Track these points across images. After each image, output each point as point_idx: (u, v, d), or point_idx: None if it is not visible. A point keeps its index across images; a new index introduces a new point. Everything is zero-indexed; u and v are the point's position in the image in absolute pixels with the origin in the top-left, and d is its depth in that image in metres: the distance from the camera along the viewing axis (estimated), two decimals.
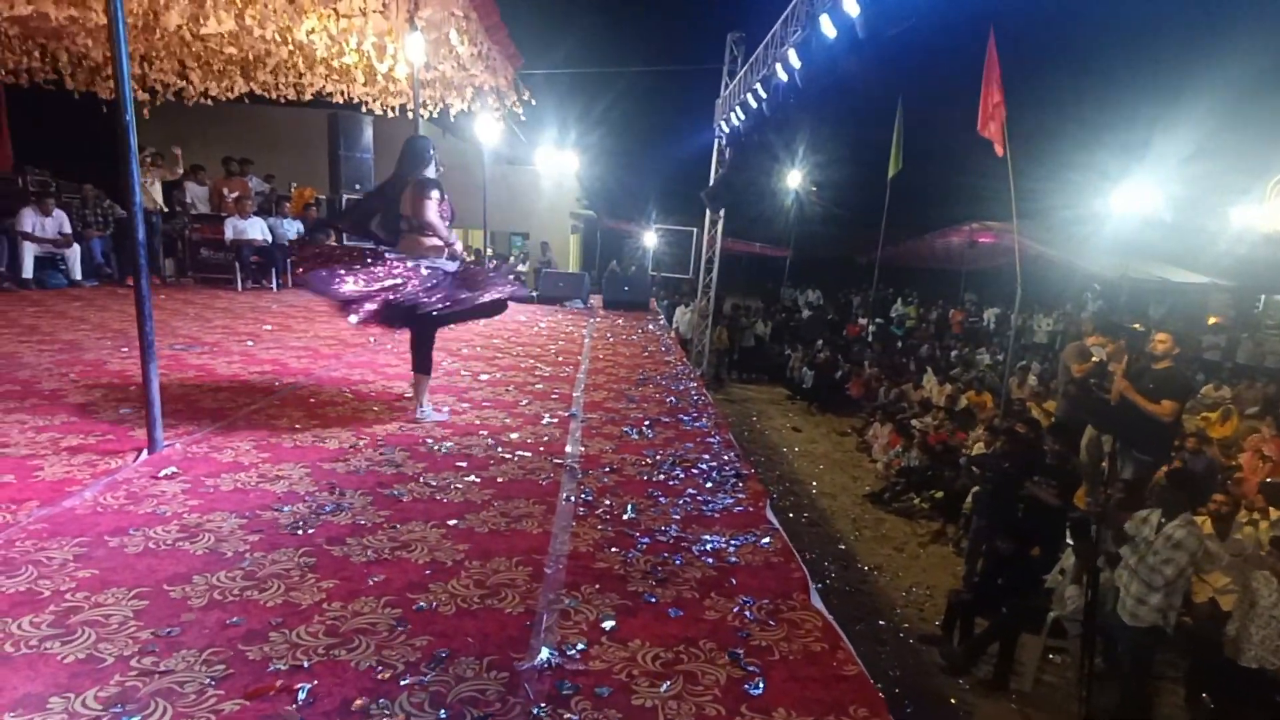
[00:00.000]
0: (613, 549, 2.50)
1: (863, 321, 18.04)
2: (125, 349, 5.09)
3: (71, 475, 2.83)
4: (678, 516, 2.82)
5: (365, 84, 9.47)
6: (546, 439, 3.70)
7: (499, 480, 3.07)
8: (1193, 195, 13.76)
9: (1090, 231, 14.99)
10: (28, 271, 8.41)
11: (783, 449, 10.80)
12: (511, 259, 14.47)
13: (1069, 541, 4.99)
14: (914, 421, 10.25)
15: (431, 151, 3.98)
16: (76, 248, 8.91)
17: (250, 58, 9.00)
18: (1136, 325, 10.17)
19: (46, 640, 1.82)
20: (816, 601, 2.27)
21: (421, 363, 3.91)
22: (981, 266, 19.90)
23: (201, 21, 6.94)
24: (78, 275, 8.88)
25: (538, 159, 16.40)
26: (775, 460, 10.20)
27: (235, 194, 9.91)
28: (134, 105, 2.91)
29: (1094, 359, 6.55)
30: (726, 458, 3.59)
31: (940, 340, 16.35)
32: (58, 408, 3.71)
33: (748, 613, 2.15)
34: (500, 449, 3.48)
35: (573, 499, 2.92)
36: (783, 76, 8.14)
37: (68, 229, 8.80)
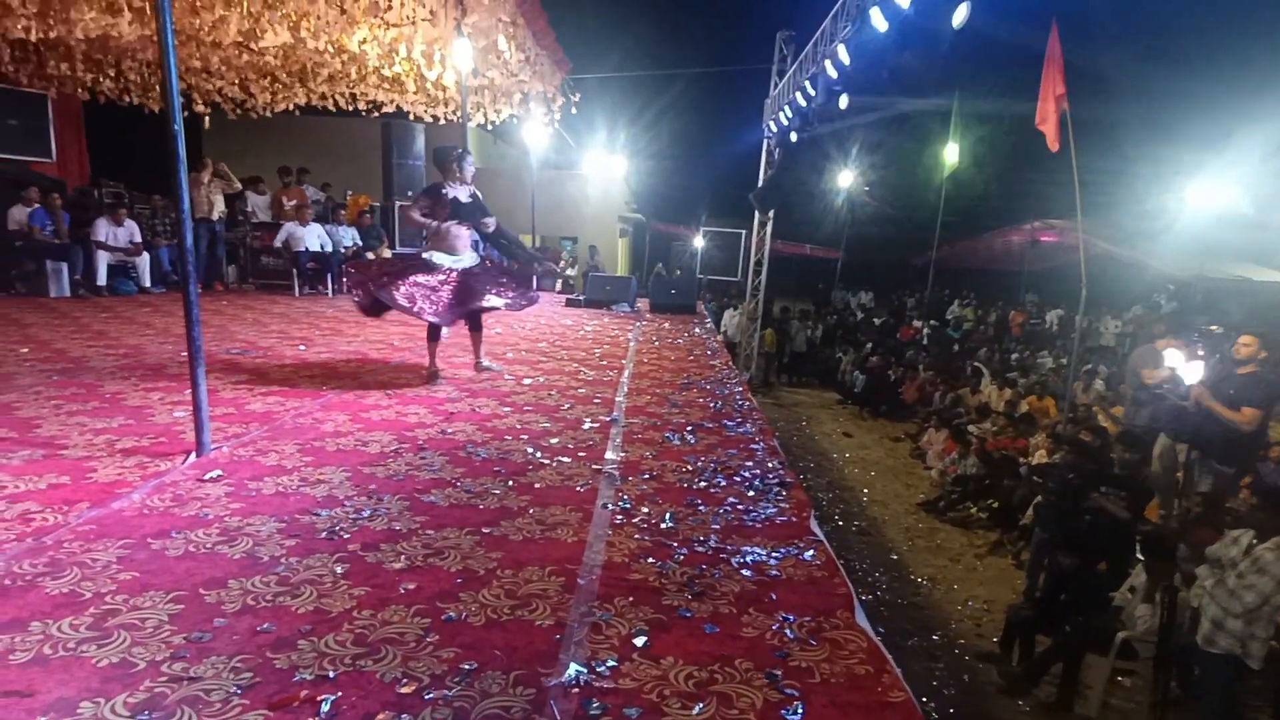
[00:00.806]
0: (649, 559, 2.42)
1: (917, 324, 17.57)
2: (184, 354, 5.24)
3: (122, 477, 2.90)
4: (717, 526, 2.73)
5: (415, 92, 9.65)
6: (587, 444, 3.65)
7: (536, 486, 3.03)
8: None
9: (1161, 228, 14.25)
10: (101, 279, 8.81)
11: (833, 455, 10.57)
12: (561, 262, 14.55)
13: (1139, 557, 4.69)
14: (971, 427, 9.93)
15: (454, 156, 4.66)
16: (146, 256, 9.30)
17: (307, 69, 9.26)
18: (1214, 327, 9.58)
19: (84, 643, 1.84)
20: (862, 620, 2.14)
21: (475, 325, 5.02)
22: (1043, 266, 19.17)
23: (259, 35, 7.15)
24: (147, 282, 9.26)
25: (586, 163, 16.47)
26: (825, 467, 9.98)
27: (294, 202, 10.21)
28: (182, 115, 2.97)
29: (1168, 364, 6.18)
30: (770, 465, 3.48)
31: (999, 343, 15.81)
32: (117, 410, 3.83)
33: (788, 631, 2.05)
34: (539, 454, 3.45)
35: (610, 506, 2.85)
36: (832, 73, 7.96)
37: (138, 238, 9.19)
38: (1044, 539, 5.77)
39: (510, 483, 3.05)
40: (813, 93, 8.91)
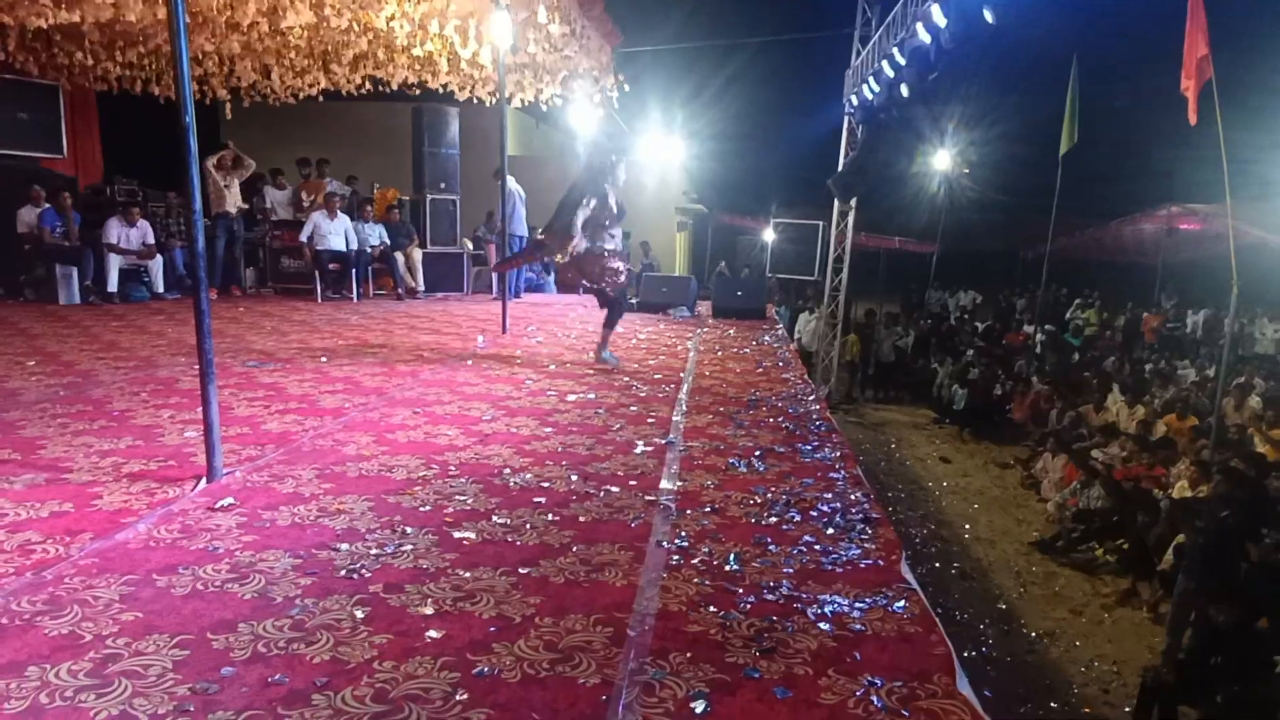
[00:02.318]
0: (710, 608, 2.39)
1: (1029, 329, 17.07)
2: (196, 366, 5.45)
3: (129, 505, 3.01)
4: (791, 570, 2.67)
5: (449, 72, 9.86)
6: (639, 471, 3.64)
7: (581, 520, 3.03)
8: None
9: None
10: (112, 285, 9.27)
11: (928, 484, 10.32)
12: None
13: None
14: (1095, 452, 9.60)
15: (614, 161, 5.85)
16: (160, 259, 9.74)
17: (330, 49, 9.57)
18: None
19: (82, 691, 1.90)
20: (964, 686, 2.06)
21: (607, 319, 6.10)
22: (1183, 259, 18.41)
23: (280, 14, 7.44)
24: (160, 288, 9.71)
25: (639, 148, 16.55)
26: (918, 498, 9.76)
27: (313, 197, 10.55)
28: (196, 104, 3.08)
29: None
30: (854, 497, 3.40)
31: (1129, 351, 15.24)
32: (125, 429, 3.99)
33: (875, 697, 1.98)
34: (585, 483, 3.45)
35: (666, 545, 2.83)
36: (925, 38, 7.81)
37: (151, 239, 9.64)
38: (1189, 588, 5.52)
39: (551, 515, 3.06)
40: (902, 61, 8.75)
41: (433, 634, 2.18)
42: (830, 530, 3.03)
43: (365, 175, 12.42)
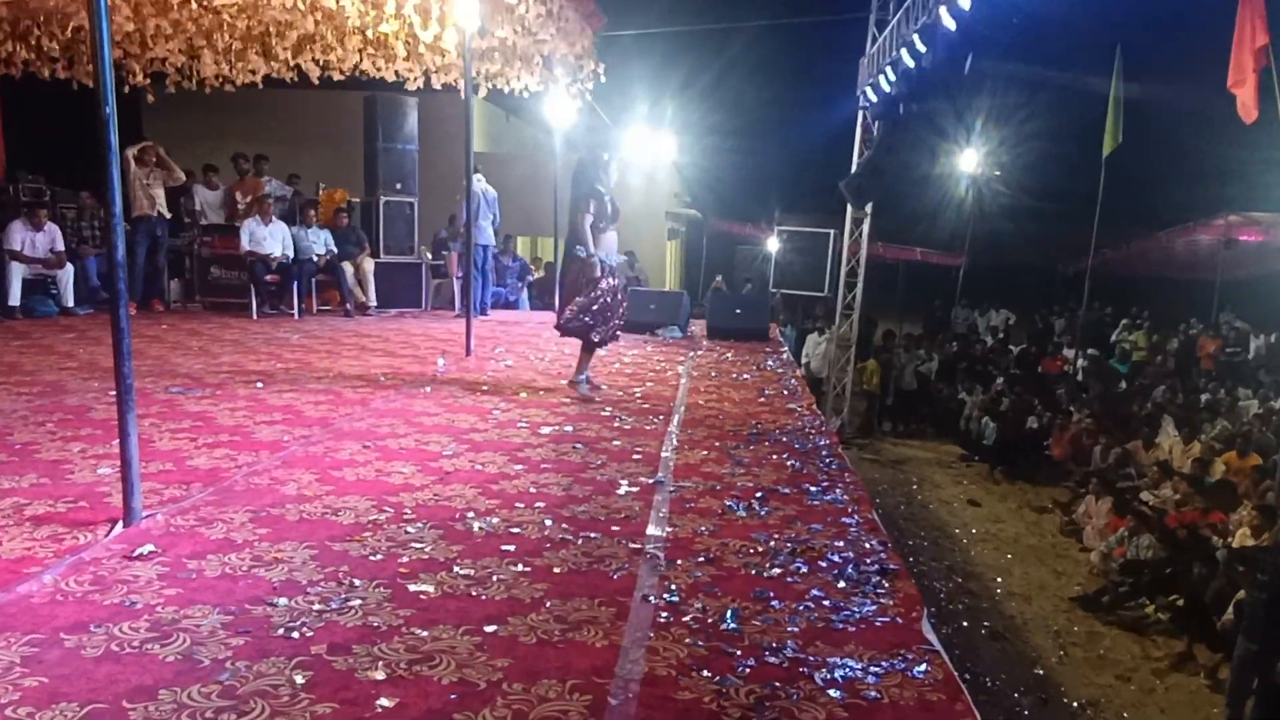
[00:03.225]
0: (703, 673, 2.40)
1: (1069, 353, 17.22)
2: (113, 391, 5.43)
3: (32, 553, 3.00)
4: (796, 629, 2.70)
5: (407, 58, 9.96)
6: (622, 515, 3.65)
7: (555, 571, 3.04)
8: None
9: None
10: (14, 298, 9.24)
11: (954, 531, 10.37)
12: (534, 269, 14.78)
13: None
14: (1145, 494, 9.68)
15: (607, 160, 6.14)
16: (70, 268, 9.72)
17: (271, 30, 9.65)
18: None
19: None
20: None
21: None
22: (1244, 275, 18.64)
23: None
24: (70, 301, 9.68)
25: (624, 145, 16.72)
26: (943, 547, 9.80)
27: (249, 198, 10.57)
28: (116, 92, 3.12)
29: None
30: (868, 545, 3.44)
31: (1184, 379, 15.37)
32: (28, 465, 3.98)
33: None
34: (560, 528, 3.46)
35: (653, 599, 2.85)
36: (949, 24, 7.98)
37: (60, 246, 9.63)
38: (1252, 651, 5.57)
39: (521, 566, 3.07)
40: (923, 49, 8.92)
41: (384, 703, 2.19)
42: (842, 583, 3.06)
43: (309, 174, 12.47)
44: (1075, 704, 6.52)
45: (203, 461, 4.15)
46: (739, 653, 2.52)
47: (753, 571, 3.12)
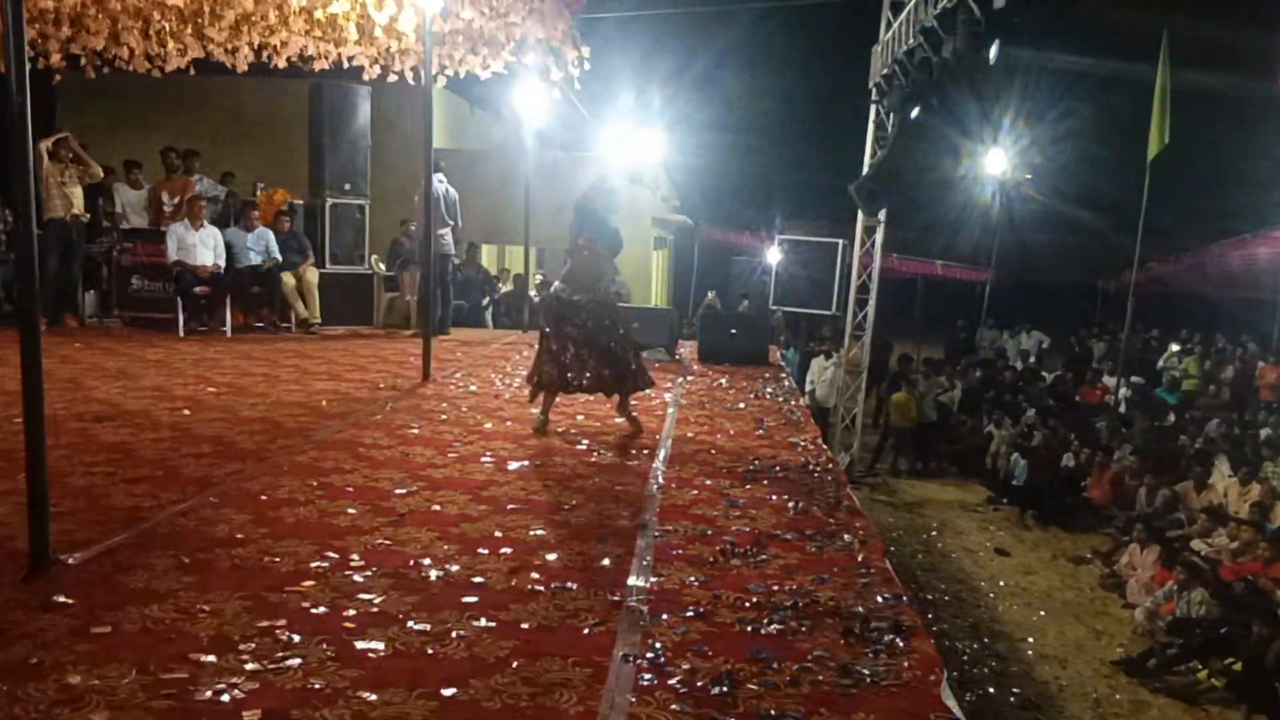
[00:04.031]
0: None
1: (1109, 381, 17.32)
2: (19, 419, 5.41)
3: None
4: (799, 693, 2.72)
5: (359, 41, 10.00)
6: (600, 562, 3.67)
7: (524, 626, 3.06)
8: None
9: None
10: None
11: (979, 583, 10.38)
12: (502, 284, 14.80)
13: None
14: (1197, 543, 9.71)
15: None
16: None
17: (205, 8, 9.67)
18: None
19: None
20: None
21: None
22: None
23: None
24: None
25: (605, 143, 16.83)
26: (966, 601, 9.80)
27: (176, 199, 10.55)
28: (30, 81, 3.14)
29: None
30: (881, 599, 3.47)
31: (1240, 412, 15.48)
32: None
33: None
34: (529, 576, 3.47)
35: (634, 659, 2.86)
36: (973, 7, 8.10)
37: None
38: None
39: (485, 620, 3.08)
40: (944, 36, 9.05)
41: None
42: (850, 642, 3.08)
43: (246, 172, 12.47)
44: None
45: (121, 500, 4.15)
46: None
47: (749, 628, 3.14)
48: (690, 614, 3.23)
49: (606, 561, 3.70)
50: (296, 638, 2.88)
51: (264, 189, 12.07)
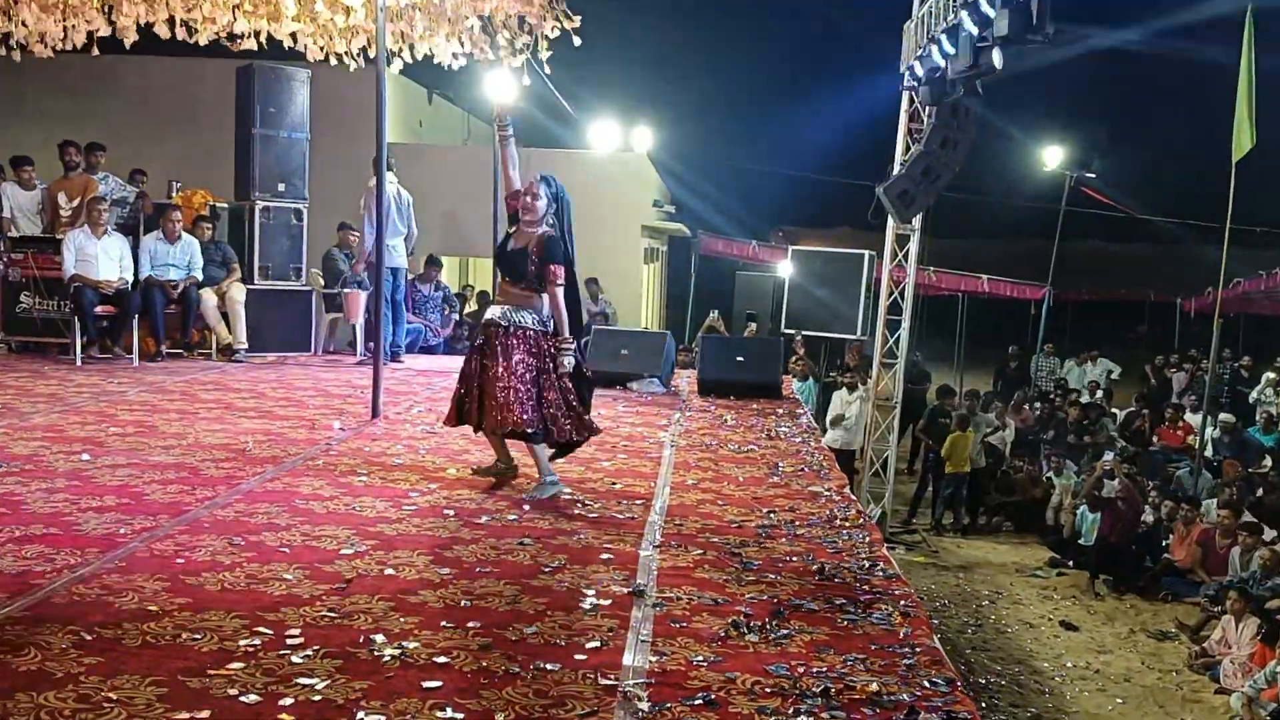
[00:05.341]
0: None
1: (1193, 419, 17.36)
2: None
3: None
4: None
5: (297, 17, 10.03)
6: (589, 638, 3.65)
7: (498, 717, 3.03)
8: None
9: None
10: None
11: (1041, 664, 10.34)
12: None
13: None
14: None
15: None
16: None
17: None
18: None
19: None
20: None
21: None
22: None
23: None
24: None
25: (589, 138, 16.96)
26: (1028, 687, 9.76)
27: (76, 201, 10.53)
28: None
29: None
30: (928, 684, 3.45)
31: None
32: None
33: None
34: (503, 655, 3.44)
35: None
36: None
37: None
38: None
39: (451, 710, 3.04)
40: (991, 11, 9.12)
41: None
42: None
43: (160, 170, 12.51)
44: None
45: (8, 563, 4.10)
46: None
47: (770, 719, 3.12)
48: (699, 701, 3.19)
49: (596, 638, 3.67)
50: None
51: (180, 189, 12.10)
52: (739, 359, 10.87)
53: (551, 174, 6.00)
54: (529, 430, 5.60)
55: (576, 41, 10.33)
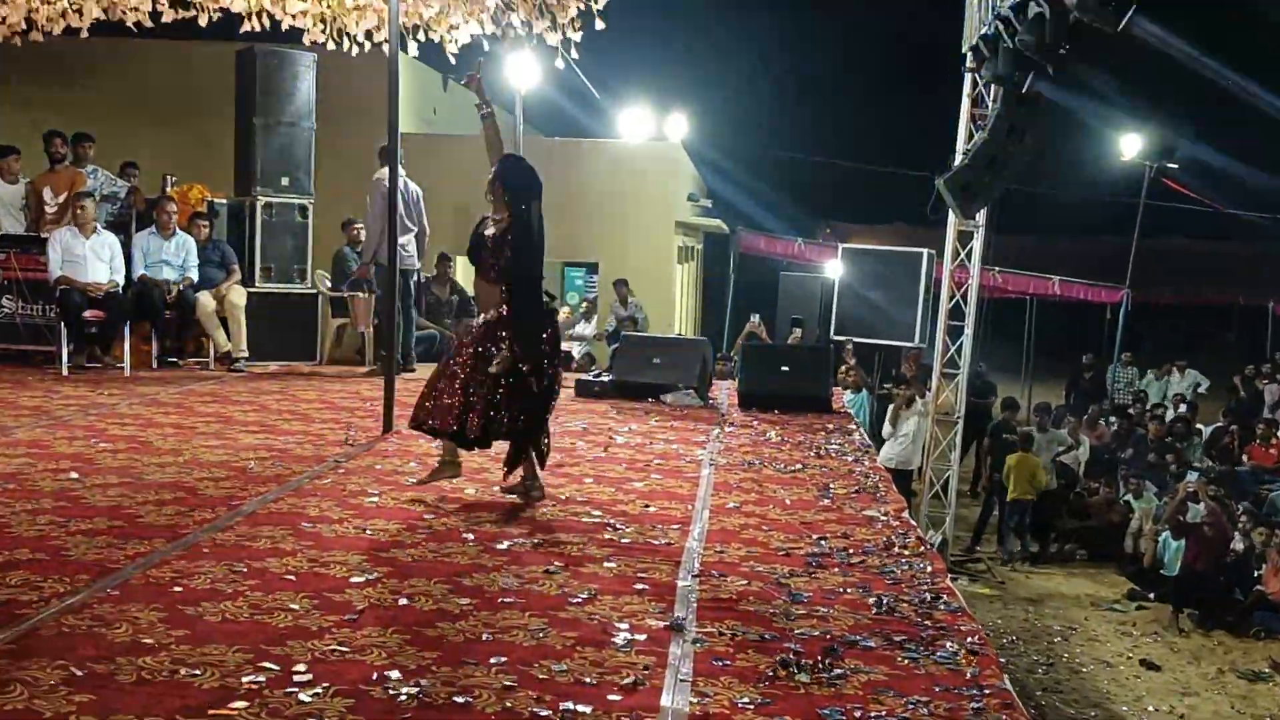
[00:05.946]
0: None
1: None
2: None
3: None
4: None
5: None
6: (623, 677, 3.64)
7: None
8: None
9: None
10: None
11: (1120, 705, 10.27)
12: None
13: None
14: None
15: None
16: None
17: None
18: None
19: None
20: None
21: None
22: None
23: None
24: None
25: (619, 128, 16.98)
26: None
27: (62, 196, 10.60)
28: None
29: None
30: None
31: None
32: None
33: None
34: (528, 696, 3.44)
35: None
36: None
37: None
38: None
39: None
40: None
41: None
42: None
43: (153, 163, 12.59)
44: None
45: None
46: None
47: None
48: None
49: (631, 677, 3.67)
50: None
51: (175, 184, 12.13)
52: (783, 369, 10.83)
53: (515, 153, 6.13)
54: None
55: (599, 25, 10.31)
